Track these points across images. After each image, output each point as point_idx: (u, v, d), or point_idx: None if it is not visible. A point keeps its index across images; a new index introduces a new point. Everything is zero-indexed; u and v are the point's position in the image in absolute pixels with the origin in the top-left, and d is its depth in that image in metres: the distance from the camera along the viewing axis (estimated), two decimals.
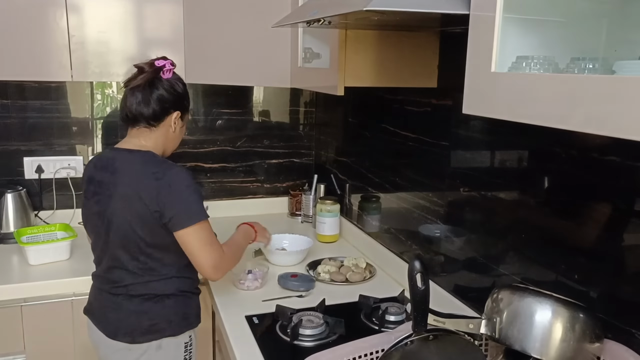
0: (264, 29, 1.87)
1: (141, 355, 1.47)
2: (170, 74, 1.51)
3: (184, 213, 1.41)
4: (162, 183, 1.40)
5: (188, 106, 1.57)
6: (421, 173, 1.72)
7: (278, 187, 2.65)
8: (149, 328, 1.47)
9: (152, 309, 1.48)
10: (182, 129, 1.58)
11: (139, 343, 1.47)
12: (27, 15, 1.88)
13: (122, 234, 1.43)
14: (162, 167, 1.44)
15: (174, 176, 1.42)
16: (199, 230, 1.42)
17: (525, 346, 0.94)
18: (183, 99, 1.54)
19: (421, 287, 0.97)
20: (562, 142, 1.15)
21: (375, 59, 1.53)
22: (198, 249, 1.43)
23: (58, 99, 2.26)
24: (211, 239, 1.46)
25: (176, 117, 1.52)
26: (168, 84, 1.50)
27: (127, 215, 1.42)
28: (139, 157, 1.47)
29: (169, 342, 1.49)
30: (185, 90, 1.55)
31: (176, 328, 1.50)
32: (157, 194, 1.39)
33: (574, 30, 0.89)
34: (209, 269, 1.45)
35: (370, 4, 0.92)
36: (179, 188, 1.41)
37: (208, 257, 1.44)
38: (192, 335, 1.56)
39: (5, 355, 1.78)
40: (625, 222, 1.03)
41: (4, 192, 2.13)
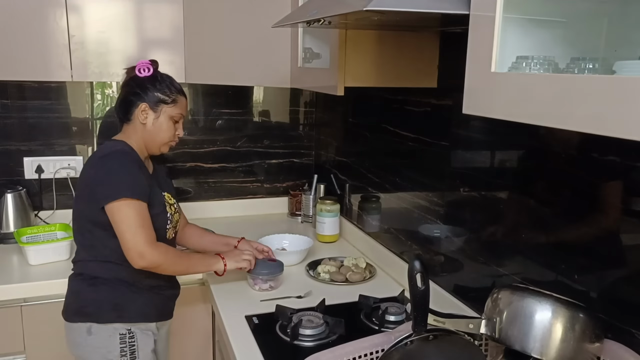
0: (264, 29, 1.87)
1: (77, 335, 1.51)
2: (148, 72, 1.56)
3: (107, 189, 1.44)
4: (101, 161, 1.48)
5: (162, 98, 1.56)
6: (421, 173, 1.72)
7: (278, 187, 2.65)
8: (79, 309, 1.52)
9: (84, 290, 1.52)
10: (160, 122, 1.57)
11: (71, 322, 1.52)
12: (27, 15, 1.88)
13: (75, 207, 1.55)
14: (111, 149, 1.51)
15: (114, 156, 1.48)
16: (121, 207, 1.42)
17: (525, 346, 0.94)
18: (149, 90, 1.54)
19: (421, 287, 0.97)
20: (561, 142, 1.15)
21: (375, 59, 1.53)
22: (120, 229, 1.43)
23: (58, 99, 2.26)
24: (138, 221, 1.43)
25: (143, 109, 1.54)
26: (139, 81, 1.55)
27: (78, 190, 1.56)
28: (108, 144, 1.56)
29: (99, 328, 1.50)
30: (164, 84, 1.56)
31: (103, 315, 1.50)
32: (95, 171, 1.48)
33: (574, 30, 0.89)
34: (130, 251, 1.43)
35: (370, 4, 0.92)
36: (112, 166, 1.47)
37: (129, 239, 1.42)
38: (132, 329, 1.52)
39: (5, 355, 1.78)
40: (625, 222, 1.03)
41: (4, 192, 2.13)
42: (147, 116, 1.55)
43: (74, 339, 1.53)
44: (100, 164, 1.48)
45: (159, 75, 1.59)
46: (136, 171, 1.49)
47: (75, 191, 1.60)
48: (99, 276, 1.51)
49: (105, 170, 1.47)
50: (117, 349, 1.50)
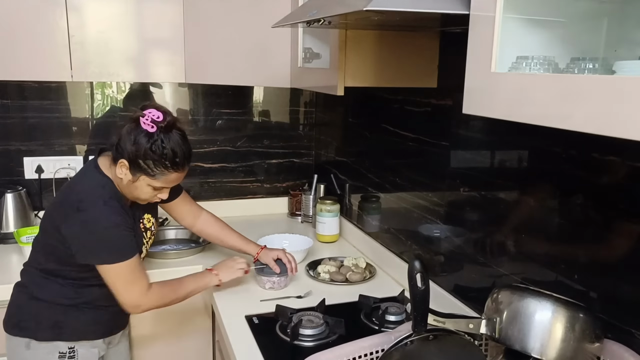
0: (264, 29, 1.87)
1: (14, 348, 1.48)
2: (151, 127, 1.37)
3: (93, 253, 1.40)
4: (79, 216, 1.37)
5: (144, 168, 1.39)
6: (421, 173, 1.72)
7: (278, 187, 2.65)
8: (17, 323, 1.48)
9: (25, 304, 1.49)
10: (137, 186, 1.42)
11: (10, 334, 1.49)
12: (27, 15, 1.88)
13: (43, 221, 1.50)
14: (91, 199, 1.40)
15: (94, 213, 1.38)
16: (114, 269, 1.40)
17: (525, 346, 0.94)
18: (136, 156, 1.37)
19: (421, 287, 0.97)
20: (562, 142, 1.15)
21: (375, 59, 1.53)
22: (114, 287, 1.42)
23: (58, 99, 2.26)
24: (129, 278, 1.41)
25: (122, 165, 1.39)
26: (136, 132, 1.38)
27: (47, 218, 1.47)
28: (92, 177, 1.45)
29: (37, 345, 1.47)
30: (156, 154, 1.37)
31: (41, 333, 1.46)
32: (70, 225, 1.38)
33: (574, 30, 0.89)
34: (127, 305, 1.45)
35: (370, 4, 0.92)
36: (93, 228, 1.38)
37: (124, 295, 1.43)
38: (75, 347, 1.49)
39: (6, 355, 1.77)
40: (626, 222, 1.03)
41: (4, 192, 2.13)
42: (123, 173, 1.40)
43: (12, 350, 1.49)
44: (77, 216, 1.37)
45: (157, 139, 1.37)
46: (120, 230, 1.39)
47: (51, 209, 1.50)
48: (43, 292, 1.47)
49: (83, 227, 1.38)
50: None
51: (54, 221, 1.43)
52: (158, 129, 1.37)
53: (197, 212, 1.81)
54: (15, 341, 1.48)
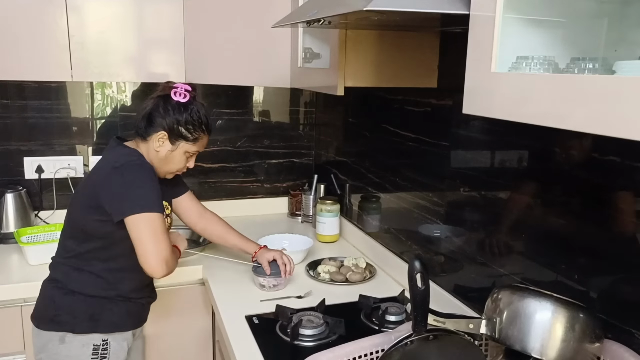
0: (264, 29, 1.87)
1: (46, 342, 1.49)
2: (184, 97, 1.50)
3: (128, 202, 1.40)
4: (116, 172, 1.43)
5: (184, 135, 1.51)
6: (421, 173, 1.72)
7: (278, 187, 2.65)
8: (53, 318, 1.49)
9: (60, 299, 1.49)
10: (174, 155, 1.53)
11: (42, 330, 1.49)
12: (27, 15, 1.88)
13: (71, 211, 1.53)
14: (126, 158, 1.46)
15: (130, 167, 1.44)
16: (148, 220, 1.39)
17: (525, 346, 0.94)
18: (176, 123, 1.49)
19: (421, 287, 0.97)
20: (562, 142, 1.15)
21: (375, 59, 1.53)
22: (146, 240, 1.39)
23: (58, 99, 2.26)
24: (162, 233, 1.41)
25: (161, 137, 1.49)
26: (169, 105, 1.49)
27: (80, 197, 1.51)
28: (119, 149, 1.51)
29: (72, 338, 1.48)
30: (192, 119, 1.51)
31: (79, 326, 1.48)
32: (108, 182, 1.42)
33: (574, 30, 0.89)
34: (154, 261, 1.38)
35: (370, 4, 0.93)
36: (129, 179, 1.42)
37: (155, 249, 1.39)
38: (108, 340, 1.51)
39: (5, 355, 1.78)
40: (625, 222, 1.03)
41: (4, 192, 2.13)
42: (162, 145, 1.50)
43: (43, 345, 1.50)
44: (118, 175, 1.42)
45: (193, 106, 1.52)
46: (155, 184, 1.45)
47: (76, 195, 1.55)
48: (77, 285, 1.48)
49: (125, 182, 1.42)
50: (88, 358, 1.48)
51: (87, 196, 1.47)
52: (191, 98, 1.52)
53: (202, 210, 1.85)
54: (48, 336, 1.49)
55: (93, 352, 1.49)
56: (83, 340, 1.48)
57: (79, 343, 1.48)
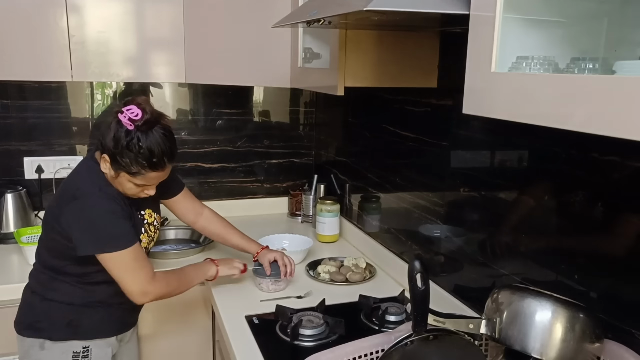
0: (264, 29, 1.87)
1: (28, 349, 1.48)
2: (129, 125, 1.34)
3: (92, 241, 1.37)
4: (76, 204, 1.37)
5: (123, 165, 1.36)
6: (421, 173, 1.72)
7: (278, 187, 2.65)
8: (32, 324, 1.48)
9: (37, 305, 1.48)
10: (120, 181, 1.40)
11: (22, 336, 1.49)
12: (27, 15, 1.88)
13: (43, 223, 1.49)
14: (88, 186, 1.40)
15: (91, 200, 1.38)
16: (116, 257, 1.37)
17: (525, 346, 0.94)
18: (115, 147, 1.35)
19: (421, 287, 0.97)
20: (562, 142, 1.15)
21: (375, 59, 1.53)
22: (118, 276, 1.39)
23: (58, 99, 2.26)
24: (133, 265, 1.39)
25: (104, 159, 1.39)
26: (116, 128, 1.36)
27: (48, 211, 1.48)
28: (89, 167, 1.46)
29: (52, 345, 1.47)
30: (131, 151, 1.34)
31: (56, 333, 1.46)
32: (67, 213, 1.38)
33: (574, 30, 0.89)
34: (134, 293, 1.40)
35: (370, 4, 0.92)
36: (90, 215, 1.37)
37: (130, 284, 1.39)
38: (89, 347, 1.49)
39: (5, 355, 1.77)
40: (625, 222, 1.03)
41: (4, 192, 2.13)
42: (106, 168, 1.40)
43: (25, 351, 1.49)
44: (78, 209, 1.37)
45: (135, 136, 1.34)
46: (117, 216, 1.38)
47: (49, 206, 1.50)
48: (54, 293, 1.46)
49: (81, 217, 1.36)
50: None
51: (53, 214, 1.43)
52: (135, 128, 1.35)
53: (199, 209, 1.81)
54: (29, 342, 1.48)
55: (73, 359, 1.47)
56: (62, 348, 1.47)
57: (59, 350, 1.47)
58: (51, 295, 1.47)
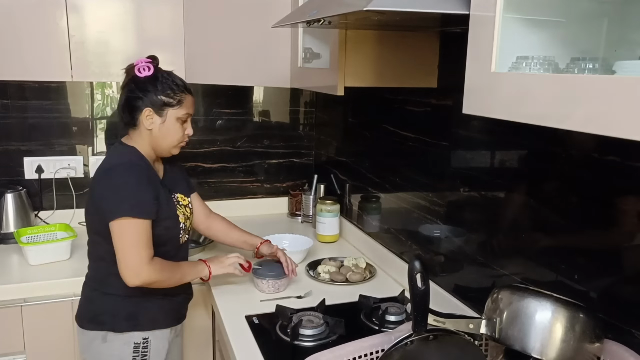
0: (264, 29, 1.87)
1: (90, 342, 1.52)
2: (148, 71, 1.49)
3: (112, 207, 1.41)
4: (106, 175, 1.45)
5: (167, 102, 1.49)
6: (421, 173, 1.72)
7: (278, 187, 2.65)
8: (93, 318, 1.52)
9: (98, 299, 1.52)
10: (167, 126, 1.50)
11: (85, 329, 1.52)
12: (27, 15, 1.88)
13: (85, 217, 1.54)
14: (118, 160, 1.49)
15: (120, 170, 1.45)
16: (123, 226, 1.39)
17: (525, 346, 0.94)
18: (152, 93, 1.48)
19: (421, 287, 0.97)
20: (562, 142, 1.15)
21: (375, 59, 1.53)
22: (119, 247, 1.41)
23: (58, 99, 2.26)
24: (135, 241, 1.40)
25: (148, 114, 1.48)
26: (140, 83, 1.49)
27: (87, 200, 1.54)
28: (117, 149, 1.54)
29: (114, 337, 1.50)
30: (166, 85, 1.49)
31: (119, 325, 1.49)
32: (99, 185, 1.46)
33: (574, 30, 0.89)
34: (125, 270, 1.40)
35: (370, 4, 0.93)
36: (116, 182, 1.43)
37: (126, 258, 1.40)
38: (149, 338, 1.53)
39: (5, 355, 1.78)
40: (625, 222, 1.03)
41: (4, 192, 2.13)
42: (152, 122, 1.50)
43: (87, 345, 1.53)
44: (105, 179, 1.45)
45: (160, 74, 1.51)
46: (142, 187, 1.44)
47: (88, 198, 1.57)
48: (112, 286, 1.48)
49: (108, 185, 1.44)
50: (130, 357, 1.51)
51: (90, 198, 1.50)
52: (155, 68, 1.51)
53: (209, 212, 1.85)
54: (91, 335, 1.51)
55: (134, 351, 1.51)
56: (124, 339, 1.50)
57: (120, 342, 1.50)
58: (110, 290, 1.50)
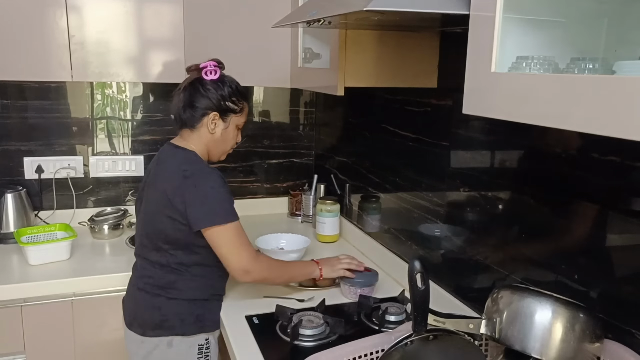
0: (264, 29, 1.87)
1: (153, 349, 1.50)
2: (215, 75, 1.52)
3: (205, 214, 1.42)
4: (188, 182, 1.44)
5: (232, 108, 1.53)
6: (421, 173, 1.72)
7: (278, 187, 2.65)
8: (160, 323, 1.50)
9: (164, 304, 1.50)
10: (228, 132, 1.55)
11: (149, 337, 1.50)
12: (27, 15, 1.88)
13: (147, 223, 1.52)
14: (193, 166, 1.48)
15: (201, 176, 1.45)
16: (226, 231, 1.44)
17: (525, 346, 0.94)
18: (222, 99, 1.51)
19: (421, 287, 0.97)
20: (562, 142, 1.15)
21: (375, 59, 1.53)
22: (225, 251, 1.45)
23: (58, 99, 2.26)
24: (238, 241, 1.45)
25: (213, 119, 1.51)
26: (207, 85, 1.51)
27: (154, 207, 1.50)
28: (179, 153, 1.52)
29: (180, 341, 1.50)
30: (232, 91, 1.53)
31: (187, 328, 1.50)
32: (181, 192, 1.43)
33: (574, 30, 0.89)
34: (237, 270, 1.46)
35: (370, 4, 0.93)
36: (204, 189, 1.43)
37: (235, 259, 1.45)
38: (209, 338, 1.55)
39: (5, 355, 1.78)
40: (625, 222, 1.03)
41: (4, 192, 2.13)
42: (216, 126, 1.52)
43: (149, 352, 1.51)
44: (191, 186, 1.43)
45: (227, 79, 1.54)
46: (226, 190, 1.47)
47: (145, 204, 1.55)
48: (178, 290, 1.50)
49: (198, 193, 1.43)
50: (194, 359, 1.52)
51: (161, 205, 1.46)
52: (221, 73, 1.54)
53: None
54: (155, 342, 1.50)
55: (198, 352, 1.52)
56: (190, 342, 1.51)
57: (186, 345, 1.51)
58: (175, 294, 1.50)
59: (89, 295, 1.83)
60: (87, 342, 1.86)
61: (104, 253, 2.06)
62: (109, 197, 2.37)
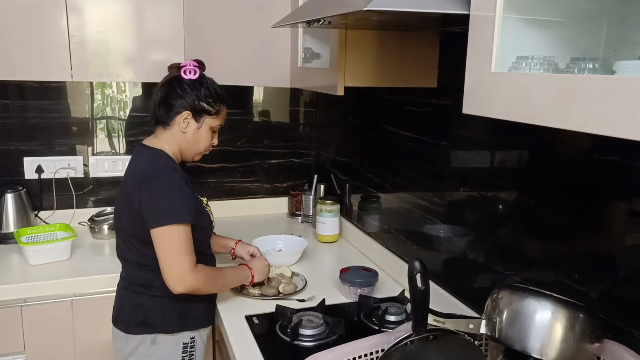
0: (264, 29, 1.87)
1: (137, 346, 1.50)
2: (194, 75, 1.51)
3: (155, 214, 1.40)
4: (144, 180, 1.43)
5: (207, 109, 1.52)
6: (421, 173, 1.72)
7: (278, 187, 2.65)
8: (143, 321, 1.50)
9: (147, 302, 1.50)
10: (201, 133, 1.53)
11: (133, 334, 1.50)
12: (27, 15, 1.88)
13: (118, 223, 1.53)
14: (153, 165, 1.47)
15: (159, 176, 1.43)
16: (166, 234, 1.39)
17: (525, 346, 0.94)
18: (197, 99, 1.50)
19: (421, 287, 0.97)
20: (562, 142, 1.15)
21: (375, 59, 1.53)
22: (163, 255, 1.40)
23: (58, 99, 2.26)
24: (178, 248, 1.40)
25: (185, 117, 1.50)
26: (184, 85, 1.50)
27: (119, 206, 1.52)
28: (145, 153, 1.52)
29: (164, 338, 1.50)
30: (209, 92, 1.52)
31: (170, 325, 1.50)
32: (138, 190, 1.42)
33: (574, 30, 0.89)
34: (170, 278, 1.40)
35: (370, 4, 0.93)
36: (158, 188, 1.41)
37: (171, 265, 1.40)
38: (195, 337, 1.54)
39: (5, 355, 1.78)
40: (625, 222, 1.03)
41: (4, 192, 2.13)
42: (188, 125, 1.51)
43: (132, 349, 1.50)
44: (145, 184, 1.42)
45: (205, 80, 1.54)
46: (183, 192, 1.42)
47: (118, 204, 1.54)
48: (160, 288, 1.46)
49: (150, 192, 1.41)
50: (179, 358, 1.51)
51: (127, 205, 1.46)
52: (200, 74, 1.53)
53: None
54: (139, 339, 1.50)
55: (183, 351, 1.51)
56: (174, 340, 1.50)
57: (170, 343, 1.50)
58: (157, 292, 1.49)
59: (89, 295, 1.83)
60: (87, 342, 1.86)
61: (104, 253, 2.06)
62: (109, 197, 2.37)
